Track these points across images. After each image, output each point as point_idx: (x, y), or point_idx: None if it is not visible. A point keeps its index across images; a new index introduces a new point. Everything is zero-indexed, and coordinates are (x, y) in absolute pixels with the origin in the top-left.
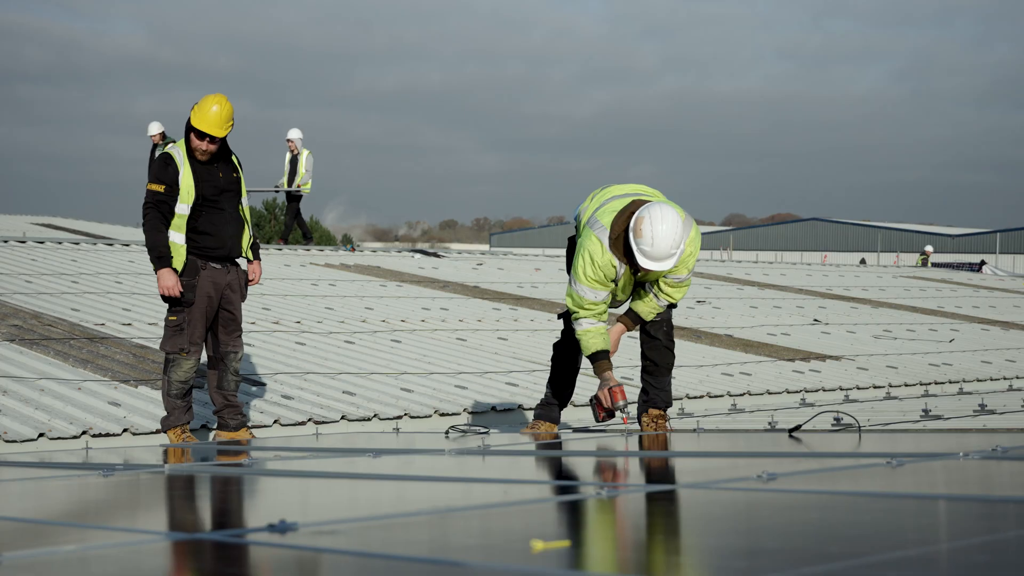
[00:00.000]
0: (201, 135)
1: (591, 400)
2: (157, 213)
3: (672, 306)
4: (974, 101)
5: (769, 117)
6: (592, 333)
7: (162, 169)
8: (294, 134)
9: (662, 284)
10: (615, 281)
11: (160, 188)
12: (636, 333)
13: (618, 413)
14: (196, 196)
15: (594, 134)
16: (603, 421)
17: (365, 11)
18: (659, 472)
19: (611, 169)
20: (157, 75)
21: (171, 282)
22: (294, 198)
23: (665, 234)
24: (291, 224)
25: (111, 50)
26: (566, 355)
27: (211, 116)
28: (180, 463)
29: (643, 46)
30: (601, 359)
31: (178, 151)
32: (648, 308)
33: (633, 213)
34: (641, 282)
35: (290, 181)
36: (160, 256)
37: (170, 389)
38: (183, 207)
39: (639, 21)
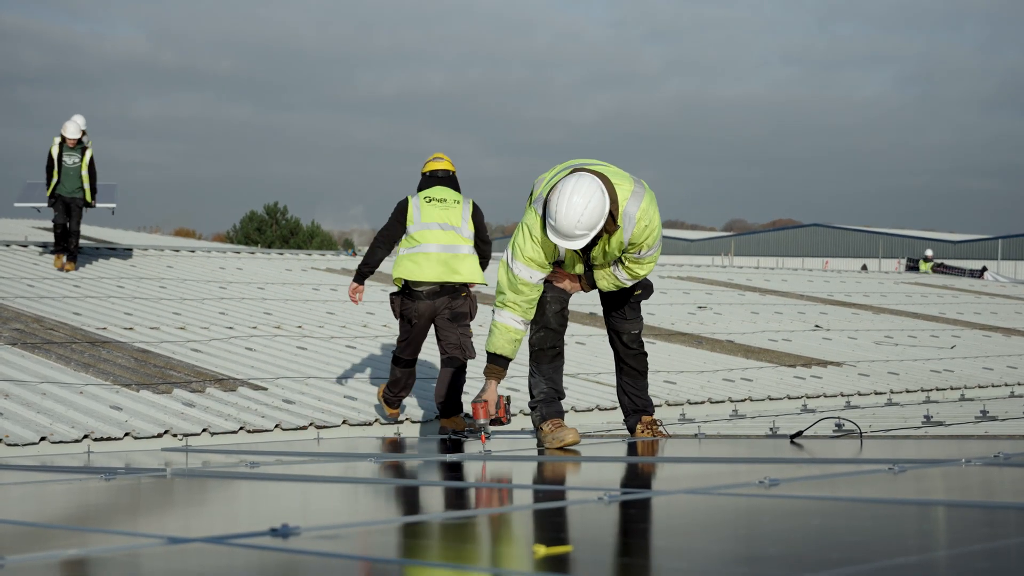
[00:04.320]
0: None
1: (474, 401)
2: None
3: (642, 293)
4: (980, 106)
5: (773, 122)
6: (507, 331)
7: None
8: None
9: (625, 259)
10: (559, 262)
11: None
12: (605, 342)
13: (481, 428)
14: None
15: (597, 139)
16: (476, 431)
17: (367, 14)
18: (661, 478)
19: None
20: (157, 78)
21: None
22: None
23: (569, 211)
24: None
25: (111, 53)
26: (546, 340)
27: None
28: (182, 467)
29: (647, 50)
30: (501, 363)
31: None
32: (607, 283)
33: None
34: (599, 265)
35: None
36: None
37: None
38: None
39: (643, 25)
